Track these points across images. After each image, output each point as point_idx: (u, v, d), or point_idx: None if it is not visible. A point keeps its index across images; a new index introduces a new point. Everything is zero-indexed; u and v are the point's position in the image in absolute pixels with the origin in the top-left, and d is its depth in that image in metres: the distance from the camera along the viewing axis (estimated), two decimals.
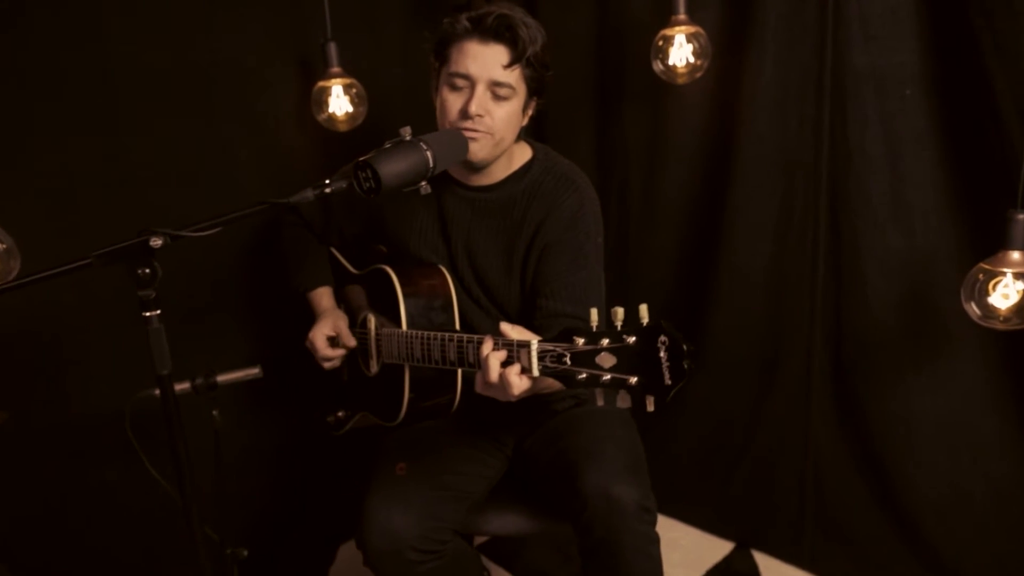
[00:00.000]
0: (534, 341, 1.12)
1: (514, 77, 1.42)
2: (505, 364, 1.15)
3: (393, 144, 1.27)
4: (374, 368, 1.62)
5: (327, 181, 1.23)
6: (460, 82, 1.42)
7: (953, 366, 1.74)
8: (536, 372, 1.12)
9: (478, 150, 1.43)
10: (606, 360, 1.03)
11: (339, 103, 1.96)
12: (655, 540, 1.38)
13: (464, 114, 1.41)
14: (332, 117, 1.97)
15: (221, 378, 1.56)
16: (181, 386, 1.53)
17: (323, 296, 1.72)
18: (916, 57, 1.65)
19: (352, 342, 1.62)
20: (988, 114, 1.56)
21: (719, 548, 2.20)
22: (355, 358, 1.69)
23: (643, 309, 1.02)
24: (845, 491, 1.97)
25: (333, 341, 1.65)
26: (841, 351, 1.91)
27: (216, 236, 1.21)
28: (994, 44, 1.52)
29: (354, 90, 1.96)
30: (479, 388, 1.20)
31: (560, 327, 1.43)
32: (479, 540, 2.23)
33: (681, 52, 1.85)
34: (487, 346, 1.17)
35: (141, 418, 1.50)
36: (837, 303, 1.88)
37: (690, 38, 1.84)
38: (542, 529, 1.58)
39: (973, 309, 1.49)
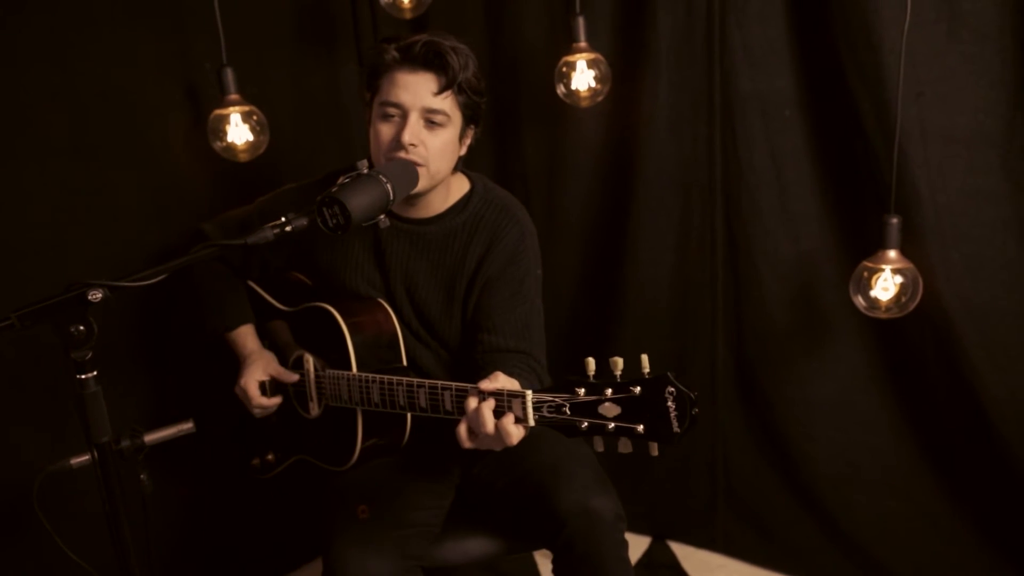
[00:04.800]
0: (528, 392, 1.13)
1: (447, 104, 1.42)
2: (496, 415, 1.15)
3: (352, 178, 1.24)
4: (315, 411, 1.55)
5: (283, 219, 1.18)
6: (392, 111, 1.41)
7: (837, 352, 1.96)
8: (532, 422, 1.13)
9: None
10: (610, 410, 1.07)
11: (239, 132, 1.85)
12: (626, 544, 1.43)
13: (397, 143, 1.39)
14: (231, 147, 1.86)
15: (149, 437, 1.40)
16: None
17: (247, 336, 1.62)
18: (792, 82, 1.86)
19: (293, 377, 1.54)
20: (856, 132, 1.79)
21: (638, 544, 2.31)
22: (286, 400, 1.61)
23: (644, 359, 1.07)
24: (752, 474, 2.15)
25: (263, 387, 1.56)
26: (742, 348, 2.09)
27: None
28: (858, 72, 1.74)
29: (255, 117, 1.86)
30: (465, 442, 1.19)
31: (503, 362, 1.46)
32: None
33: (583, 77, 1.94)
34: (473, 400, 1.17)
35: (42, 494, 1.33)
36: (737, 305, 2.06)
37: (591, 64, 1.94)
38: (506, 551, 1.58)
39: (860, 301, 1.70)
